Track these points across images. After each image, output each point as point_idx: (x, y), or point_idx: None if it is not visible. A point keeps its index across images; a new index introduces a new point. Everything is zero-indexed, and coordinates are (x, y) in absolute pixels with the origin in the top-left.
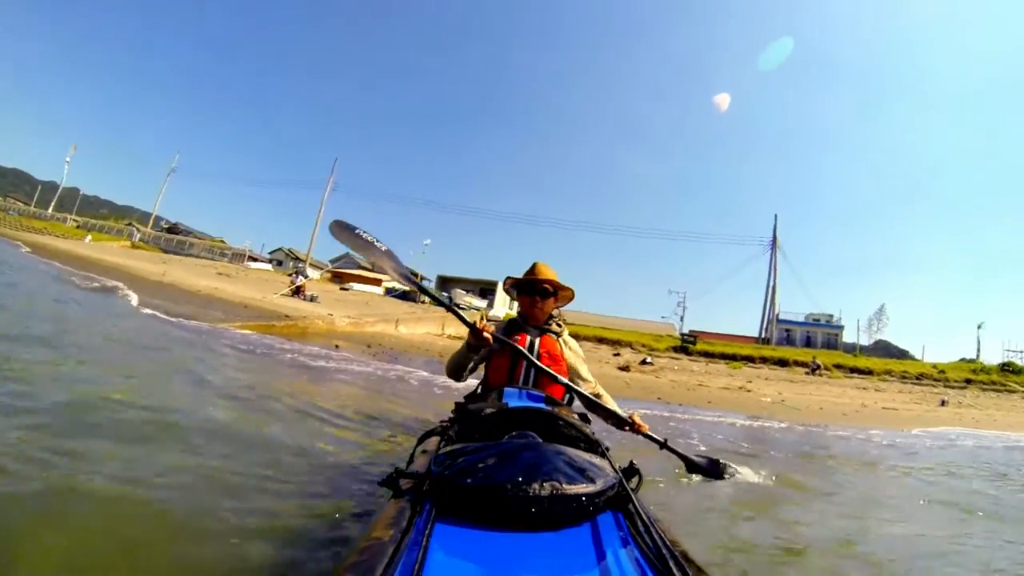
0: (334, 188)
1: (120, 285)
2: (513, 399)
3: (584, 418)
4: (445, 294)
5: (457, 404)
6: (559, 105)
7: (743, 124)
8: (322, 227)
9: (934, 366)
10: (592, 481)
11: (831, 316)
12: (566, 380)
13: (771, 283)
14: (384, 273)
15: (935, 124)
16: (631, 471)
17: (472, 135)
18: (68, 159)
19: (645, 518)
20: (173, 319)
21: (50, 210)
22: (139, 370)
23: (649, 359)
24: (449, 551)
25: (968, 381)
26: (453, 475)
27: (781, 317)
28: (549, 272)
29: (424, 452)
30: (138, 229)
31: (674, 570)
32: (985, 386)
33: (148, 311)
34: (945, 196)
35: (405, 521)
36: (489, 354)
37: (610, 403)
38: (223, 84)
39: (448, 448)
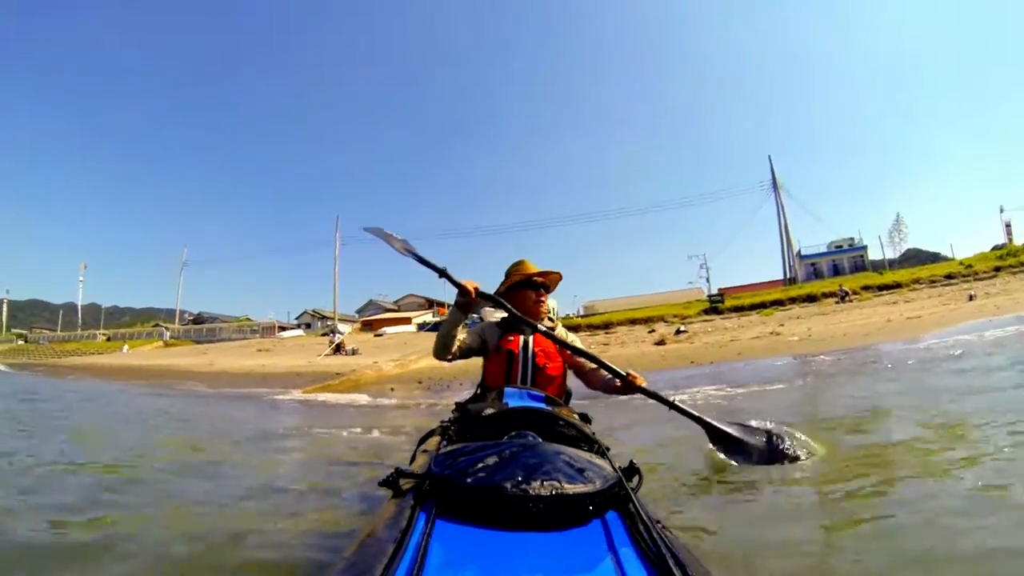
0: (343, 243)
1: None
2: (513, 399)
3: (584, 418)
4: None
5: (457, 404)
6: (534, 107)
7: (720, 67)
8: (341, 284)
9: (961, 263)
10: (592, 481)
11: (852, 239)
12: (565, 341)
13: (782, 223)
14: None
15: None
16: (631, 471)
17: (457, 156)
18: (81, 278)
19: (645, 518)
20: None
21: (79, 330)
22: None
23: (683, 327)
24: (449, 551)
25: (997, 269)
26: (453, 475)
27: (804, 253)
28: (535, 268)
29: (424, 452)
30: (166, 328)
31: (674, 570)
32: (1015, 269)
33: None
34: (940, 81)
35: (405, 521)
36: (486, 355)
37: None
38: (209, 172)
39: (448, 448)
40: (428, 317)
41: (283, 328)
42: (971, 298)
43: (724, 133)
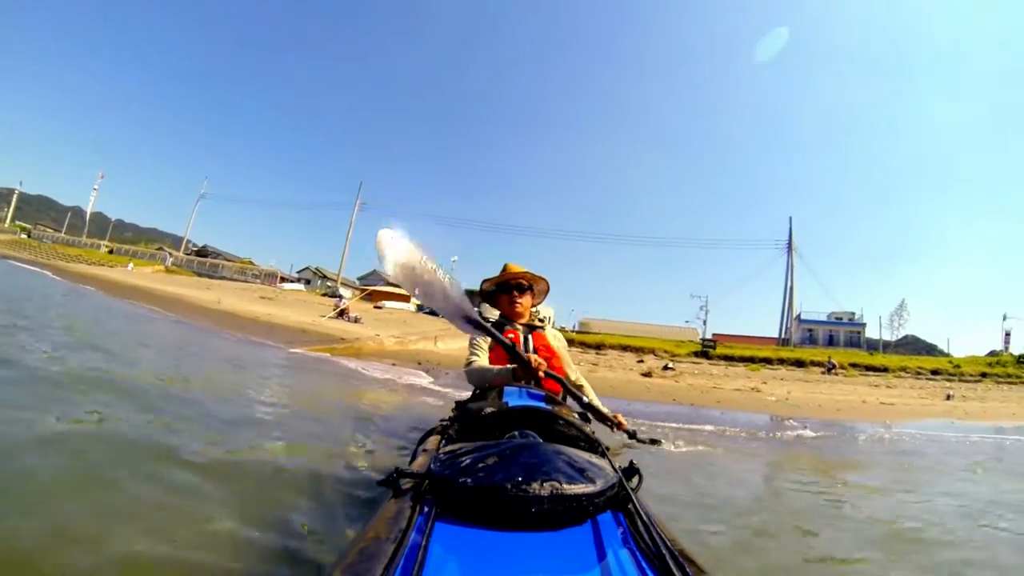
0: (362, 207)
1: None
2: (513, 398)
3: (584, 417)
4: (476, 309)
5: (457, 403)
6: (574, 108)
7: (754, 118)
8: (351, 247)
9: (950, 361)
10: (592, 481)
11: (853, 314)
12: (564, 380)
13: (788, 285)
14: (438, 314)
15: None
16: (631, 471)
17: (489, 146)
18: (96, 186)
19: (645, 518)
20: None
21: (83, 236)
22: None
23: (671, 364)
24: (449, 551)
25: (984, 375)
26: (453, 475)
27: (803, 317)
28: (520, 268)
29: (424, 451)
30: (171, 254)
31: (674, 570)
32: (1000, 379)
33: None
34: (968, 181)
35: (405, 521)
36: (487, 354)
37: (593, 397)
38: (241, 110)
39: (448, 448)
40: None
41: (284, 279)
42: (948, 397)
43: (748, 176)
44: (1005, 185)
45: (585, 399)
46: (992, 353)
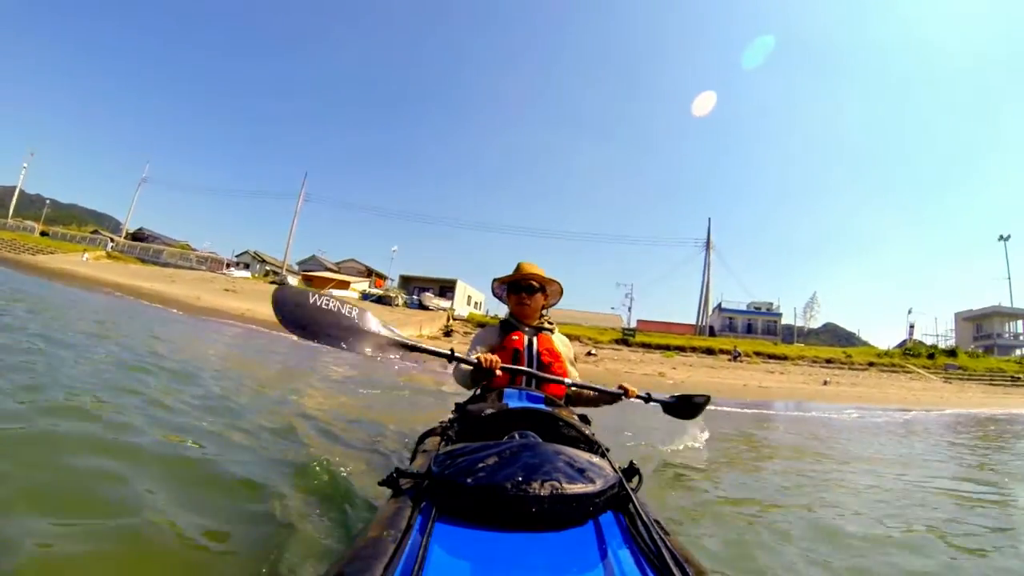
0: (306, 199)
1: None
2: (513, 399)
3: (584, 418)
4: (414, 297)
5: (457, 404)
6: (524, 101)
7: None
8: (296, 236)
9: (844, 352)
10: (592, 481)
11: (771, 304)
12: (567, 380)
13: (705, 280)
14: (354, 348)
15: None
16: (631, 471)
17: (435, 137)
18: (25, 165)
19: (645, 518)
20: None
21: (10, 217)
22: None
23: (593, 351)
24: (449, 551)
25: (871, 364)
26: (453, 475)
27: (724, 307)
28: (533, 268)
29: (424, 452)
30: (111, 239)
31: (674, 570)
32: (884, 368)
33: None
34: (894, 176)
35: (405, 521)
36: (490, 352)
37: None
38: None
39: (448, 448)
40: (365, 286)
41: (229, 265)
42: (825, 383)
43: (675, 171)
44: (920, 183)
45: (590, 387)
46: (903, 343)
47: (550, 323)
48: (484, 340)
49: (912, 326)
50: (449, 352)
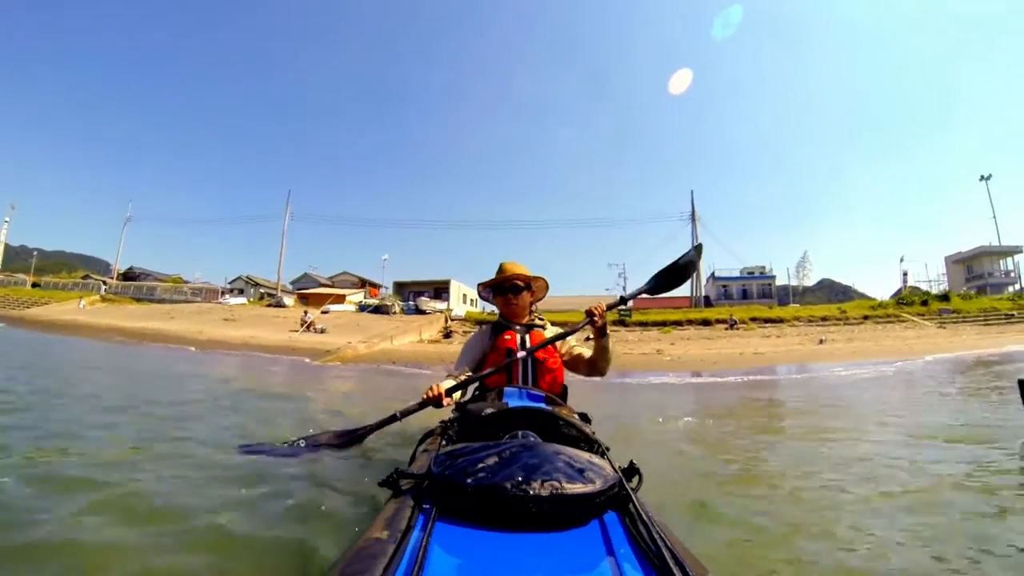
0: (292, 217)
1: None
2: (513, 399)
3: (584, 418)
4: (410, 303)
5: (457, 404)
6: (498, 96)
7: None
8: (286, 255)
9: (839, 308)
10: (592, 481)
11: (763, 267)
12: (548, 334)
13: None
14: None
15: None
16: (631, 471)
17: (415, 141)
18: (7, 219)
19: (645, 518)
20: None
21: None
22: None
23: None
24: (449, 551)
25: (866, 317)
26: (453, 475)
27: (718, 275)
28: (516, 268)
29: (425, 452)
30: (104, 282)
31: (674, 570)
32: (880, 320)
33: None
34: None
35: (405, 521)
36: (483, 356)
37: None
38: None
39: (448, 448)
40: (360, 297)
41: (224, 293)
42: (821, 342)
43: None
44: (900, 132)
45: (559, 335)
46: (898, 292)
47: (540, 318)
48: (474, 346)
49: (905, 274)
50: (395, 414)
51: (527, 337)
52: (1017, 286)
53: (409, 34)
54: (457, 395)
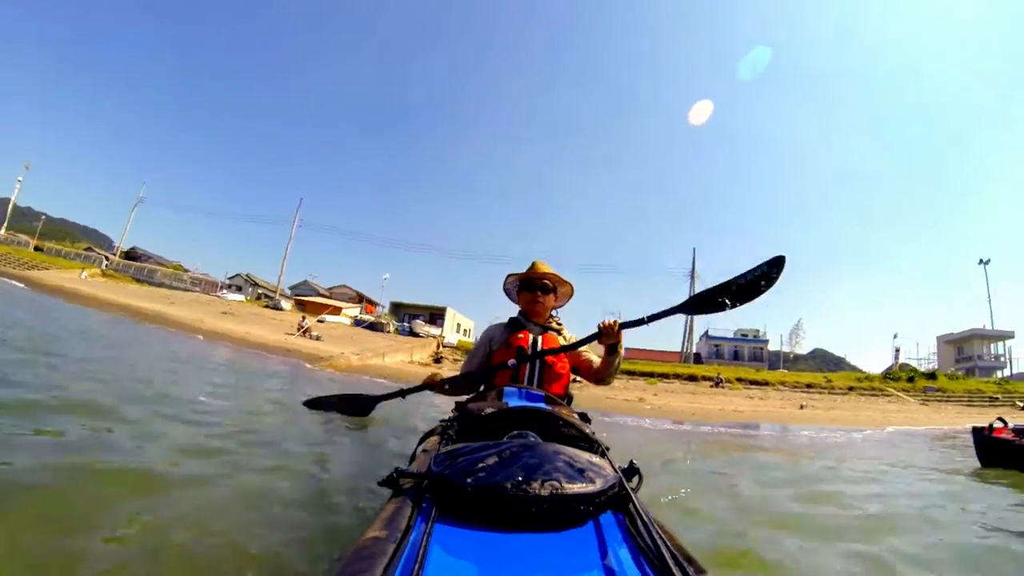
0: (300, 224)
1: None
2: (513, 399)
3: (584, 418)
4: (405, 324)
5: (457, 404)
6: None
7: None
8: (290, 262)
9: (825, 376)
10: (592, 481)
11: (757, 331)
12: (570, 343)
13: None
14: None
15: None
16: (631, 471)
17: (435, 163)
18: (20, 178)
19: (645, 518)
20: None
21: (3, 230)
22: None
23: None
24: (449, 551)
25: (851, 388)
26: (453, 475)
27: (711, 334)
28: (548, 268)
29: (424, 452)
30: (106, 257)
31: (675, 570)
32: (864, 392)
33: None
34: (881, 201)
35: (404, 521)
36: (489, 354)
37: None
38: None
39: (448, 448)
40: (357, 311)
41: (222, 287)
42: (802, 407)
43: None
44: (906, 210)
45: (572, 344)
46: (889, 368)
47: (559, 323)
48: (491, 335)
49: (898, 350)
50: (401, 389)
51: (540, 339)
52: (1006, 371)
53: (440, 45)
54: (463, 397)
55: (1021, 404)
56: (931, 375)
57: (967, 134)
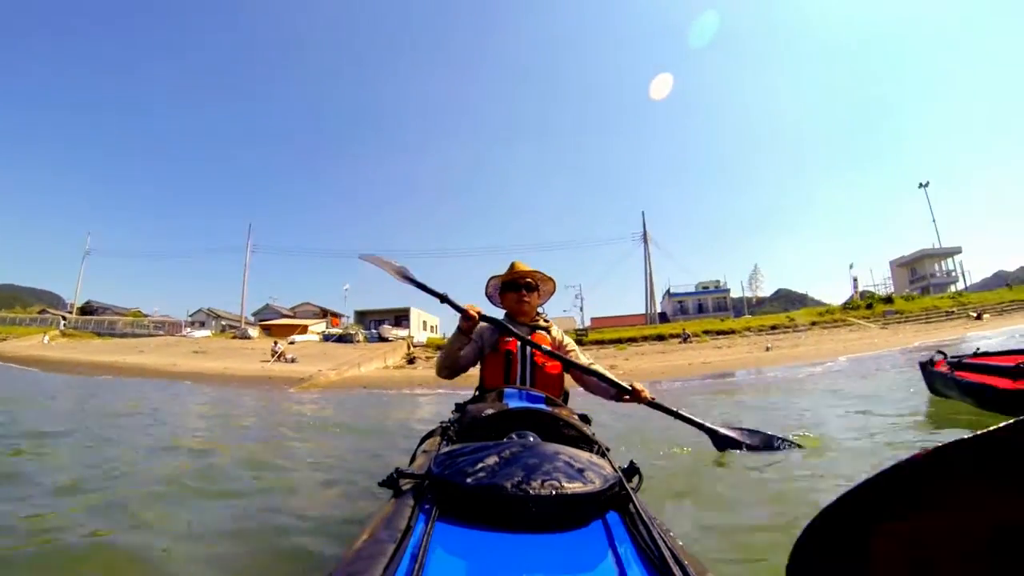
0: (253, 250)
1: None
2: (513, 399)
3: (584, 418)
4: (373, 331)
5: (457, 405)
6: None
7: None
8: (249, 288)
9: (788, 316)
10: (592, 481)
11: (717, 282)
12: (565, 357)
13: (647, 271)
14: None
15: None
16: (631, 471)
17: (369, 168)
18: None
19: (645, 518)
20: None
21: None
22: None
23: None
24: (449, 551)
25: (813, 323)
26: (453, 475)
27: (673, 291)
28: (527, 267)
29: (425, 452)
30: (64, 317)
31: (674, 570)
32: (827, 325)
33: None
34: (817, 141)
35: (405, 521)
36: (483, 356)
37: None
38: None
39: (448, 448)
40: (323, 327)
41: (186, 326)
42: (767, 349)
43: (607, 168)
44: (844, 145)
45: (597, 370)
46: (850, 298)
47: (547, 320)
48: (480, 336)
49: (856, 280)
50: (443, 294)
51: (529, 338)
52: (960, 284)
53: (362, 60)
54: (463, 398)
55: (974, 314)
56: (888, 299)
57: (892, 70)
